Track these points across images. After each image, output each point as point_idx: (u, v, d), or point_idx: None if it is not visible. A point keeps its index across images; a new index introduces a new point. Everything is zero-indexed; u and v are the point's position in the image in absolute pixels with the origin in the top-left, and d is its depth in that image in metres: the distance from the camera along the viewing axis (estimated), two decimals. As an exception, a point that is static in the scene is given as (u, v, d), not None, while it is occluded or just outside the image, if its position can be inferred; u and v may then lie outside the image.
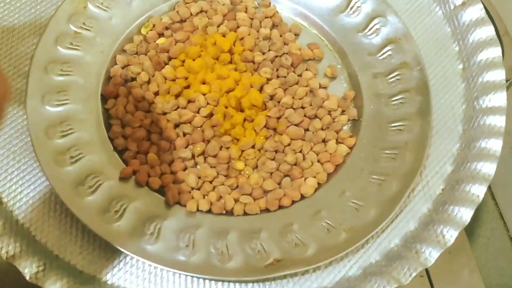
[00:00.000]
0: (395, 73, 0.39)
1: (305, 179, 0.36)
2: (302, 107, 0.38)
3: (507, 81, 0.40)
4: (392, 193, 0.34)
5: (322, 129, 0.38)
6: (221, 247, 0.32)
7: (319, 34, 0.42)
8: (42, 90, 0.36)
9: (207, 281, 0.33)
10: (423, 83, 0.38)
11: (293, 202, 0.35)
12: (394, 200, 0.34)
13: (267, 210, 0.35)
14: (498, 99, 0.39)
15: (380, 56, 0.40)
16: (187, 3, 0.42)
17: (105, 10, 0.40)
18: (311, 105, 0.38)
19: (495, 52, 0.40)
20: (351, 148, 0.37)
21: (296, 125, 0.37)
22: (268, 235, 0.33)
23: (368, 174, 0.36)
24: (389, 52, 0.39)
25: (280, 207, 0.35)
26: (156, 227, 0.33)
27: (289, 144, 0.37)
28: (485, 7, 0.42)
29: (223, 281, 0.33)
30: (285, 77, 0.39)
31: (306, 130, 0.38)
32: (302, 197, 0.35)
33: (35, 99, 0.35)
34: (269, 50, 0.40)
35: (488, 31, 0.41)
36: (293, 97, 0.38)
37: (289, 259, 0.32)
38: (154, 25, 0.41)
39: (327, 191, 0.35)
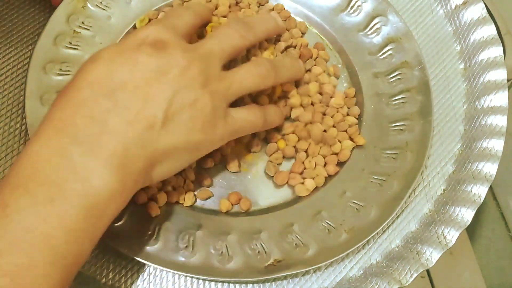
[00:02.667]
0: (396, 73, 0.39)
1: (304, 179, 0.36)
2: (312, 104, 0.38)
3: (508, 80, 0.39)
4: (393, 193, 0.34)
5: (333, 126, 0.37)
6: (221, 248, 0.32)
7: (320, 33, 0.41)
8: (40, 90, 0.36)
9: (206, 282, 0.33)
10: (424, 82, 0.38)
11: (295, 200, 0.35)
12: (395, 200, 0.34)
13: (267, 210, 0.35)
14: (500, 99, 0.39)
15: (380, 55, 0.40)
16: (185, 2, 0.41)
17: (104, 9, 0.40)
18: (320, 102, 0.38)
19: (496, 51, 0.40)
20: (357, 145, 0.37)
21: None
22: (268, 235, 0.33)
23: (368, 174, 0.35)
24: (390, 52, 0.39)
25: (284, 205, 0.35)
26: (156, 228, 0.33)
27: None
28: (486, 6, 0.42)
29: (222, 282, 0.33)
30: None
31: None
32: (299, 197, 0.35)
33: (34, 99, 0.35)
34: (277, 41, 0.39)
35: (489, 30, 0.41)
36: (304, 94, 0.37)
37: (290, 259, 0.32)
38: (150, 20, 0.40)
39: (327, 191, 0.35)
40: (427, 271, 0.57)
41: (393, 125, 0.37)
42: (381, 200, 0.34)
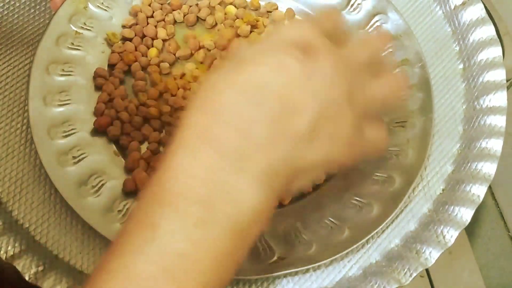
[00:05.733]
0: (397, 70, 0.39)
1: None
2: None
3: (507, 81, 0.39)
4: (395, 190, 0.34)
5: None
6: None
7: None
8: (43, 91, 0.36)
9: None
10: (424, 79, 0.38)
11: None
12: (397, 197, 0.34)
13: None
14: (499, 99, 0.39)
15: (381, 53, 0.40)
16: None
17: (105, 10, 0.40)
18: None
19: (495, 52, 0.40)
20: None
21: None
22: (271, 233, 0.33)
23: (370, 171, 0.36)
24: (390, 49, 0.39)
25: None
26: None
27: None
28: (485, 7, 0.42)
29: None
30: None
31: None
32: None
33: (37, 100, 0.35)
34: None
35: (488, 31, 0.41)
36: None
37: (294, 257, 0.32)
38: (123, 37, 0.40)
39: (329, 189, 0.35)
40: (426, 270, 0.57)
41: (394, 122, 0.37)
42: (383, 197, 0.34)
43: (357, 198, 0.35)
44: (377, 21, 0.40)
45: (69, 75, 0.37)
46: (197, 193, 0.22)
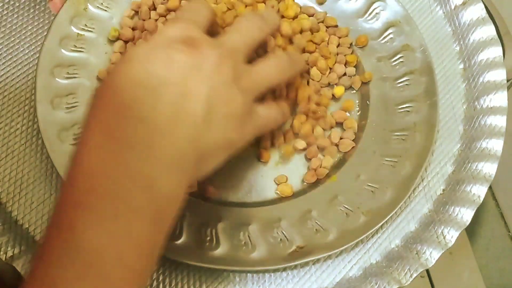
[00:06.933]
0: (398, 56, 0.39)
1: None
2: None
3: (508, 81, 0.39)
4: (406, 174, 0.35)
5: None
6: (244, 238, 0.33)
7: (320, 20, 0.41)
8: (50, 95, 0.36)
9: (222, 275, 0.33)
10: (426, 63, 0.38)
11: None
12: (409, 180, 0.34)
13: (282, 199, 0.35)
14: (499, 99, 0.39)
15: (382, 40, 0.40)
16: None
17: (105, 10, 0.40)
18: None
19: (496, 52, 0.40)
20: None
21: None
22: (288, 223, 0.34)
23: (380, 157, 0.36)
24: (391, 36, 0.40)
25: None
26: (178, 223, 0.33)
27: None
28: (485, 7, 0.42)
29: (250, 271, 0.33)
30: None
31: None
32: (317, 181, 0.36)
33: (45, 104, 0.35)
34: None
35: (489, 30, 0.41)
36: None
37: (312, 245, 0.33)
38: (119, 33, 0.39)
39: (342, 176, 0.36)
40: (427, 271, 0.57)
41: (400, 107, 0.38)
42: (395, 181, 0.35)
43: (369, 184, 0.35)
44: (375, 8, 0.40)
45: (74, 77, 0.37)
46: (107, 187, 0.23)
